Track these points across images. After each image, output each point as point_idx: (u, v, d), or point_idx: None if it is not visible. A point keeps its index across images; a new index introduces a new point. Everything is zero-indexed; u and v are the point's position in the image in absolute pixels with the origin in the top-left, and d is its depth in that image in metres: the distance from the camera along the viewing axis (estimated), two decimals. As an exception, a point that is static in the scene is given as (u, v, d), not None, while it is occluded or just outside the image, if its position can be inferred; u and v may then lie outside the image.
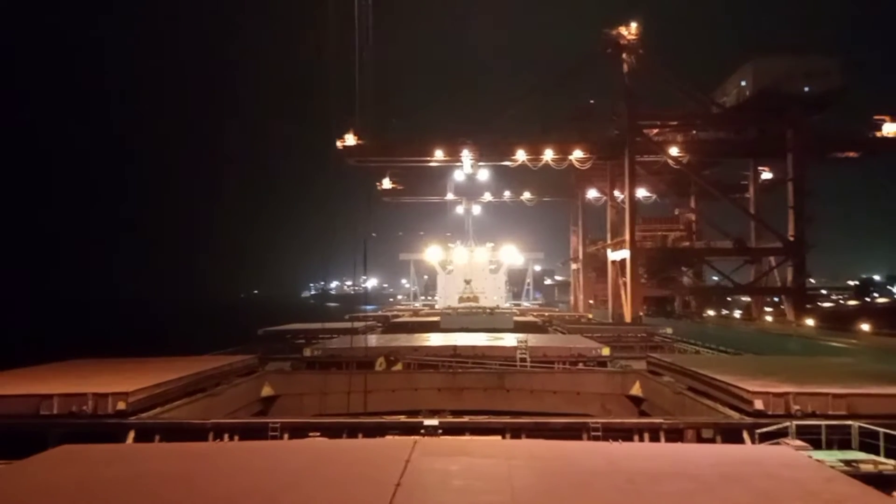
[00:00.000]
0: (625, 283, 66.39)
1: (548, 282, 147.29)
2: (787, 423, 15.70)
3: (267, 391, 26.30)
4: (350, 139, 67.73)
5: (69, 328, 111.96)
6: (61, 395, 17.70)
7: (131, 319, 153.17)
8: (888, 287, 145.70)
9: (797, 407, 16.69)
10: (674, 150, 69.56)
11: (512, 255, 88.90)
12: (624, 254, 66.63)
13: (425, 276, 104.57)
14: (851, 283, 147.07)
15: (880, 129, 66.25)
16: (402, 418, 18.40)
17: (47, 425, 16.91)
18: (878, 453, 14.15)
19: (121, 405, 17.58)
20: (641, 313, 64.81)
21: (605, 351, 29.30)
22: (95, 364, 24.45)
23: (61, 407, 17.50)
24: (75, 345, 38.56)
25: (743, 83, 67.18)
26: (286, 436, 16.76)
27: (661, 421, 17.88)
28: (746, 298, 79.23)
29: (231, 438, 17.10)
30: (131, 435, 16.74)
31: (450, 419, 17.99)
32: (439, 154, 69.25)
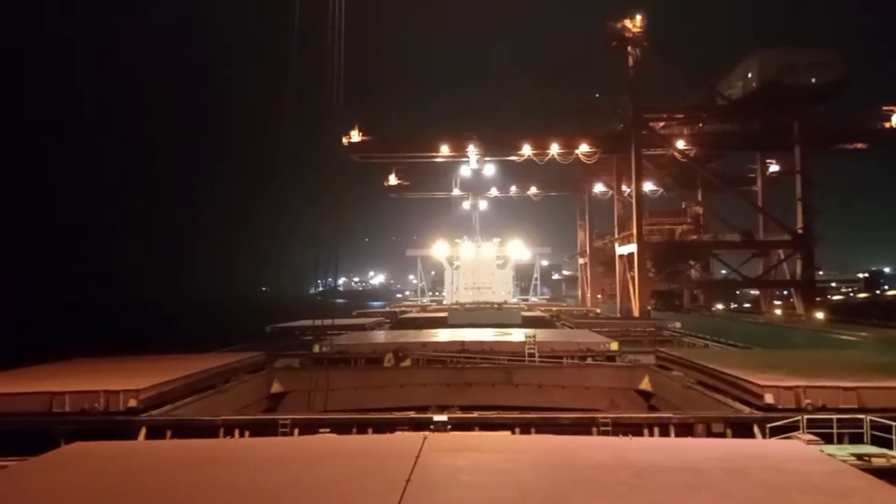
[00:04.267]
0: (632, 278, 66.19)
1: (555, 276, 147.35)
2: (798, 417, 15.66)
3: (276, 388, 26.40)
4: (355, 135, 67.70)
5: (72, 328, 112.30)
6: (73, 392, 17.81)
7: (135, 318, 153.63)
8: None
9: (808, 400, 16.62)
10: (680, 143, 69.27)
11: (519, 250, 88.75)
12: (631, 248, 66.43)
13: (432, 272, 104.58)
14: (861, 275, 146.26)
15: (889, 120, 65.79)
16: (412, 414, 18.40)
17: (59, 422, 17.03)
18: (889, 446, 14.10)
19: (132, 402, 17.67)
20: (649, 307, 64.65)
21: (614, 345, 29.18)
22: (104, 362, 24.59)
23: (73, 404, 17.63)
24: (80, 344, 38.71)
25: (748, 75, 66.81)
26: (296, 432, 16.80)
27: (671, 415, 17.84)
28: (755, 292, 78.89)
29: (241, 435, 17.17)
30: (143, 432, 16.83)
31: (458, 415, 17.99)
32: (445, 149, 69.11)
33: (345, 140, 67.56)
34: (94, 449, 13.60)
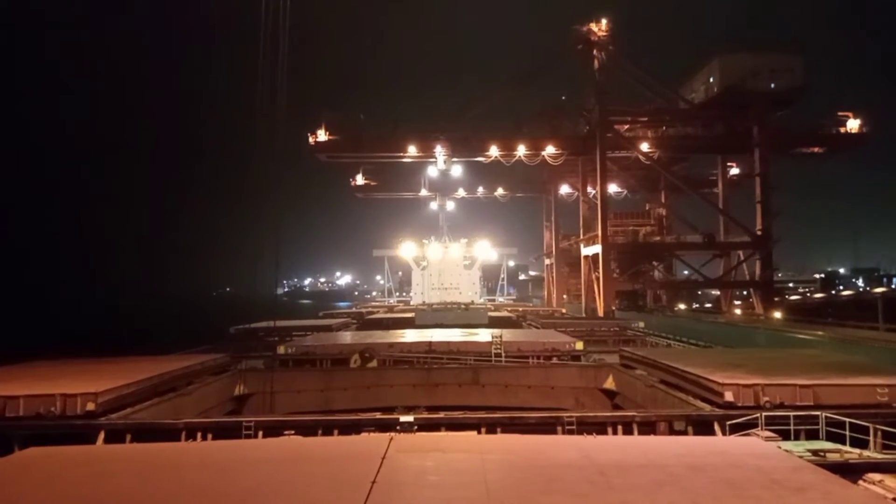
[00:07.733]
0: (597, 278, 66.95)
1: (522, 277, 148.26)
2: (757, 415, 16.03)
3: (240, 389, 26.05)
4: (322, 134, 67.08)
5: (33, 329, 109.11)
6: (27, 396, 17.31)
7: (98, 319, 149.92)
8: (852, 280, 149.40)
9: (766, 398, 17.04)
10: (644, 146, 70.27)
11: (486, 250, 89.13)
12: (596, 249, 67.19)
13: (400, 273, 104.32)
14: (817, 276, 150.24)
15: (844, 125, 67.76)
16: (378, 415, 18.34)
17: (12, 427, 16.55)
18: (843, 442, 14.51)
19: (90, 406, 17.25)
20: (614, 307, 65.49)
21: (579, 345, 29.51)
22: (62, 365, 23.96)
23: (27, 408, 17.13)
24: (40, 345, 37.65)
25: (710, 79, 68.15)
26: (260, 434, 16.61)
27: (634, 414, 18.11)
28: (716, 292, 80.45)
29: (204, 438, 16.89)
30: (101, 436, 16.43)
31: (425, 415, 18.00)
32: (412, 150, 68.89)
33: (311, 139, 66.94)
34: (50, 454, 13.21)
